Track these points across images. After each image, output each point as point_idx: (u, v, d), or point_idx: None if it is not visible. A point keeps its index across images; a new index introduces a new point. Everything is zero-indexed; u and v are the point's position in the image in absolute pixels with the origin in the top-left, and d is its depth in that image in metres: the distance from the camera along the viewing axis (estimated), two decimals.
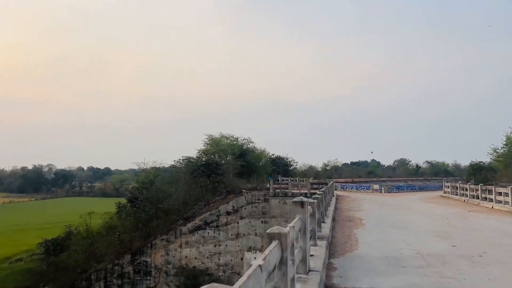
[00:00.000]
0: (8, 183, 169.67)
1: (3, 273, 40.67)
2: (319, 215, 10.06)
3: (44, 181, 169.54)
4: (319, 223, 10.04)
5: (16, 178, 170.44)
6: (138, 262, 33.54)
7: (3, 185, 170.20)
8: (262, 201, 32.60)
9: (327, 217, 13.85)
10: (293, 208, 5.87)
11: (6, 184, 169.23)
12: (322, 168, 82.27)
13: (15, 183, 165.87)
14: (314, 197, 10.21)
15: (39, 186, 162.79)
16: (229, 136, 54.48)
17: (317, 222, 9.45)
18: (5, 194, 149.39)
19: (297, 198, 5.93)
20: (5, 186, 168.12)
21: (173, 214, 35.77)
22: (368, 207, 21.83)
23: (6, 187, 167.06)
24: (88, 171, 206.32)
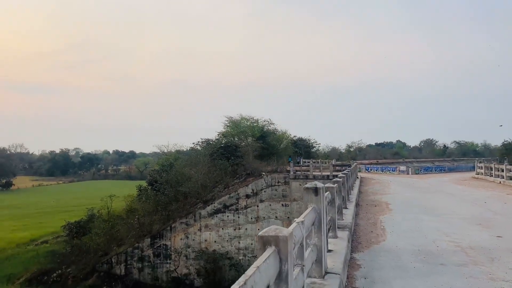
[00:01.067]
0: (38, 166, 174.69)
1: (28, 254, 41.37)
2: (340, 201, 8.82)
3: (71, 165, 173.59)
4: (340, 211, 8.81)
5: (44, 162, 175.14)
6: (158, 245, 33.28)
7: (33, 169, 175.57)
8: (282, 184, 31.49)
9: (350, 202, 12.59)
10: (306, 196, 4.67)
11: (36, 168, 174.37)
12: (345, 149, 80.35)
13: (44, 166, 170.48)
14: (334, 181, 8.96)
15: (66, 170, 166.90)
16: (249, 117, 53.33)
17: (337, 209, 8.22)
18: (34, 178, 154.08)
19: (310, 183, 4.71)
20: (34, 170, 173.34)
21: (192, 197, 35.17)
22: (395, 190, 20.36)
23: (35, 170, 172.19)
24: (114, 155, 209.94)
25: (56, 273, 34.01)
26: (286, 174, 32.19)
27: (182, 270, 32.89)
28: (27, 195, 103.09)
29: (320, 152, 73.00)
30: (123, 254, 33.88)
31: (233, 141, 43.90)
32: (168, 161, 44.71)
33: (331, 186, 6.88)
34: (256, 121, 53.41)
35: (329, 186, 6.84)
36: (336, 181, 8.94)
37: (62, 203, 79.40)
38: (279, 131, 57.43)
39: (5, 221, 63.09)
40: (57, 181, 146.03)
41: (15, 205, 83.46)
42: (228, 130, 50.89)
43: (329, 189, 6.81)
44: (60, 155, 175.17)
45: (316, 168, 33.28)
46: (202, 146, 41.85)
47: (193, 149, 42.48)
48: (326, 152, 75.19)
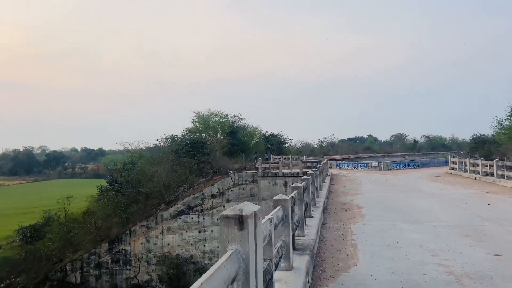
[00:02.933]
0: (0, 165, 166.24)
1: None
2: (301, 212, 6.95)
3: (35, 163, 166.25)
4: (301, 224, 6.93)
5: (7, 160, 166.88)
6: (116, 250, 30.78)
7: None
8: (250, 182, 29.61)
9: (317, 207, 10.78)
10: (223, 231, 2.68)
11: None
12: (318, 145, 79.38)
13: (6, 165, 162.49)
14: (294, 186, 7.07)
15: (30, 169, 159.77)
16: (219, 113, 51.20)
17: (297, 223, 6.34)
18: None
19: (232, 209, 2.74)
20: None
21: (154, 198, 32.78)
22: (368, 189, 18.79)
23: None
24: (82, 152, 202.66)
25: (3, 283, 30.95)
26: (254, 172, 30.32)
27: (143, 277, 30.54)
28: None
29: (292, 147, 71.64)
30: (78, 260, 31.19)
31: (200, 138, 41.59)
32: (131, 159, 41.93)
33: (283, 198, 4.97)
34: (226, 116, 51.37)
35: (282, 199, 4.94)
36: (296, 187, 7.06)
37: (23, 205, 74.93)
38: (250, 126, 55.58)
39: None
40: (20, 181, 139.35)
41: None
42: (196, 126, 48.60)
43: (281, 202, 4.91)
44: (24, 153, 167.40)
45: (285, 165, 31.58)
46: (167, 143, 39.33)
47: (157, 146, 39.88)
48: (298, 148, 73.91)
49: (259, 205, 11.71)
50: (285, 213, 4.89)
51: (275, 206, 4.84)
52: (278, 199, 4.93)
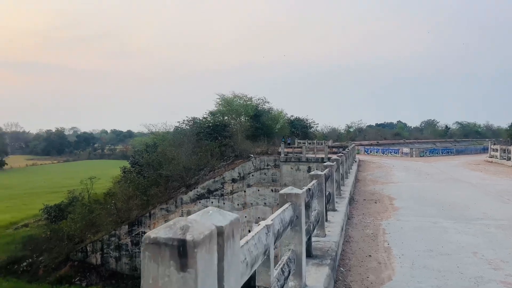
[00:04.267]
0: (33, 146, 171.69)
1: (3, 240, 38.56)
2: (321, 206, 5.55)
3: (67, 144, 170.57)
4: (321, 223, 5.52)
5: (40, 141, 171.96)
6: (136, 233, 30.39)
7: (28, 148, 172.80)
8: (272, 167, 28.28)
9: (342, 198, 9.33)
10: (148, 272, 1.35)
11: (32, 147, 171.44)
12: (345, 130, 76.96)
13: (39, 146, 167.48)
14: (314, 175, 5.66)
15: (62, 149, 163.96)
16: (243, 95, 49.83)
17: (316, 222, 4.97)
18: (29, 157, 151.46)
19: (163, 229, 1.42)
20: (30, 149, 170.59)
21: (174, 181, 32.04)
22: (400, 178, 17.07)
23: (31, 149, 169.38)
24: (111, 134, 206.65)
25: (26, 262, 31.25)
26: (276, 156, 28.92)
27: None
28: (19, 174, 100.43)
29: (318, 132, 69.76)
30: (99, 242, 31.06)
31: (222, 120, 40.42)
32: (153, 141, 41.40)
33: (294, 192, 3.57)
34: (250, 99, 49.97)
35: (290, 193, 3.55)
36: (316, 175, 5.64)
37: (52, 184, 76.66)
38: (274, 110, 54.03)
39: None
40: (52, 161, 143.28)
41: (4, 185, 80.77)
42: (219, 108, 47.52)
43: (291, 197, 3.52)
44: (56, 134, 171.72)
45: (310, 150, 30.01)
46: (189, 125, 38.40)
47: (178, 128, 39.00)
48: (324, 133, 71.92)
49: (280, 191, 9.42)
50: (296, 213, 3.52)
51: (283, 203, 3.49)
52: (287, 193, 3.57)
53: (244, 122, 46.75)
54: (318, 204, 5.63)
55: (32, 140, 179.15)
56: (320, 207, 5.63)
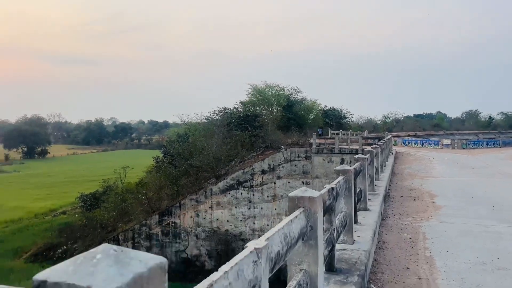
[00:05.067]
0: (74, 135, 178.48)
1: (42, 226, 40.00)
2: (349, 207, 4.66)
3: (105, 134, 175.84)
4: (347, 228, 4.60)
5: (80, 131, 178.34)
6: (166, 223, 30.39)
7: (70, 138, 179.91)
8: (303, 159, 27.30)
9: (376, 195, 8.34)
10: None
11: (73, 137, 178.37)
12: (381, 120, 74.33)
13: (80, 135, 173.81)
14: (340, 170, 4.75)
15: (101, 139, 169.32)
16: (275, 85, 48.88)
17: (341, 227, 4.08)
18: (70, 146, 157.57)
19: None
20: (71, 139, 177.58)
21: (204, 172, 31.72)
22: (441, 171, 15.67)
23: (72, 139, 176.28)
24: (148, 124, 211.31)
25: (61, 249, 32.11)
26: (308, 147, 27.88)
27: (192, 251, 29.97)
28: (60, 163, 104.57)
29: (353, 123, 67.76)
30: (130, 231, 31.32)
31: (253, 110, 39.68)
32: (185, 131, 41.32)
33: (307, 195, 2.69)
34: (282, 89, 48.96)
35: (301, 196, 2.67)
36: (343, 171, 4.73)
37: (90, 172, 79.01)
38: (307, 100, 52.73)
39: (31, 189, 63.10)
40: (91, 150, 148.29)
41: (46, 173, 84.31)
42: (251, 98, 46.82)
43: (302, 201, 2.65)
44: (95, 124, 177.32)
45: (343, 141, 28.73)
46: (219, 115, 37.97)
47: (209, 118, 38.67)
48: (360, 124, 69.77)
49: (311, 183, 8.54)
50: (311, 222, 2.67)
51: (293, 209, 2.65)
52: (299, 196, 2.71)
53: (276, 112, 45.84)
54: (345, 205, 4.75)
55: (73, 130, 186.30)
56: (348, 208, 4.75)
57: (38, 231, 37.75)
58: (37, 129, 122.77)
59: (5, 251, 32.63)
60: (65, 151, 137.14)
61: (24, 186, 66.16)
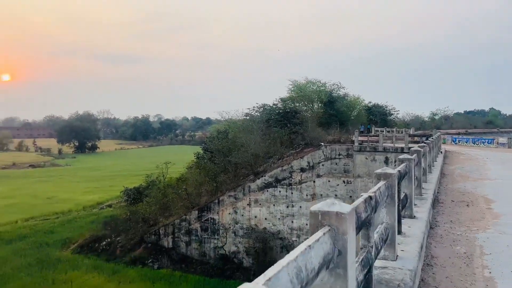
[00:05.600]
0: (122, 131, 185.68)
1: (89, 218, 41.61)
2: (391, 217, 4.00)
3: (151, 130, 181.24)
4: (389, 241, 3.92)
5: (128, 127, 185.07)
6: (205, 219, 30.51)
7: (118, 133, 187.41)
8: (344, 157, 26.28)
9: (423, 200, 7.50)
10: None
11: (121, 132, 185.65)
12: (429, 117, 70.85)
13: (127, 131, 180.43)
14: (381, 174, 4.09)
15: (147, 135, 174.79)
16: (316, 81, 47.77)
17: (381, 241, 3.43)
18: (118, 141, 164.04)
19: None
20: (119, 134, 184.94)
21: (243, 168, 31.48)
22: (498, 173, 14.27)
23: (120, 135, 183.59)
24: (192, 121, 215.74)
25: (105, 241, 33.10)
26: (350, 145, 26.80)
27: (230, 248, 29.88)
28: (108, 158, 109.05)
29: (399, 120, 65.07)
30: (170, 226, 31.77)
31: (292, 107, 38.90)
32: (224, 127, 41.31)
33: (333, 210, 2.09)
34: (324, 84, 47.74)
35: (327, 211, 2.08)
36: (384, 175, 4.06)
37: (136, 167, 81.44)
38: (350, 96, 51.13)
39: (81, 182, 66.09)
40: (138, 145, 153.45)
41: (95, 167, 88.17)
42: (291, 95, 46.06)
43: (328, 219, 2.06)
44: (142, 121, 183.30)
45: (387, 139, 27.33)
46: (258, 112, 37.56)
47: (248, 114, 38.36)
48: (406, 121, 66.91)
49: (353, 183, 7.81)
50: (339, 245, 2.07)
51: (316, 228, 2.07)
52: (323, 211, 2.12)
53: (317, 109, 44.79)
54: (387, 215, 4.09)
55: (121, 126, 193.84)
56: (390, 218, 4.09)
57: (85, 223, 39.22)
58: (88, 125, 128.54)
59: (54, 241, 34.15)
60: (113, 146, 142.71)
61: (74, 179, 69.45)
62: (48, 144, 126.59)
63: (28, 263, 29.02)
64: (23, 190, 57.93)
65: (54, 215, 43.49)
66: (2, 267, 28.65)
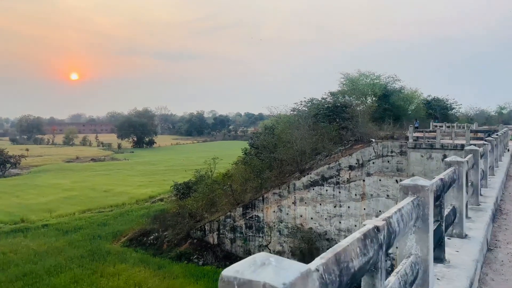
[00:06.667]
0: (178, 127, 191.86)
1: (140, 212, 42.68)
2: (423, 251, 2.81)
3: (205, 126, 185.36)
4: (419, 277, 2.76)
5: (183, 122, 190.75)
6: (250, 216, 29.90)
7: (174, 129, 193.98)
8: (397, 154, 24.29)
9: (480, 211, 6.07)
10: None
11: (177, 128, 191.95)
12: (496, 111, 65.04)
13: (183, 127, 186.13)
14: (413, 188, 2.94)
15: (201, 130, 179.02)
16: (369, 74, 45.46)
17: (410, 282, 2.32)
18: (175, 137, 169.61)
19: None
20: (176, 130, 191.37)
21: (288, 165, 30.43)
22: None
23: (176, 130, 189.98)
24: (244, 117, 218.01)
25: (153, 236, 33.64)
26: (403, 141, 24.73)
27: (275, 247, 29.05)
28: (164, 152, 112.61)
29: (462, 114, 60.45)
30: (215, 222, 31.55)
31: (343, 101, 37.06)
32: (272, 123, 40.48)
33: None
34: (378, 77, 45.32)
35: None
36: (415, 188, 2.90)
37: (189, 162, 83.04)
38: (407, 89, 48.16)
39: (136, 176, 68.57)
40: (192, 141, 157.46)
41: (150, 161, 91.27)
42: (343, 89, 44.17)
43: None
44: (196, 117, 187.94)
45: (446, 135, 24.86)
46: (306, 107, 36.21)
47: (295, 109, 37.13)
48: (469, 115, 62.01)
49: None
50: None
51: None
52: None
53: (370, 103, 42.56)
54: (417, 244, 2.94)
55: (178, 122, 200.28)
56: (421, 250, 2.93)
57: (136, 217, 40.22)
58: (145, 121, 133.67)
59: (106, 234, 35.32)
60: (169, 141, 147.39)
61: (130, 173, 72.23)
62: (109, 139, 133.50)
63: (81, 255, 30.16)
64: (83, 183, 61.13)
65: (109, 208, 45.19)
66: (57, 257, 30.02)
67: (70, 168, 79.24)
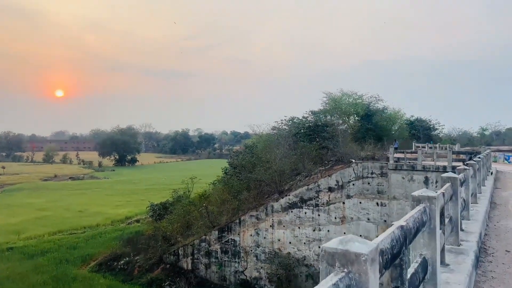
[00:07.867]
0: (163, 145, 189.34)
1: (114, 234, 40.65)
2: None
3: (190, 144, 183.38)
4: None
5: (168, 140, 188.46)
6: (226, 240, 28.40)
7: (159, 147, 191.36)
8: (377, 176, 23.31)
9: (460, 254, 4.92)
10: None
11: (161, 146, 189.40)
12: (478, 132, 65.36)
13: (167, 145, 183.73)
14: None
15: (186, 148, 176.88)
16: (352, 93, 45.10)
17: None
18: (159, 155, 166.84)
19: None
20: (160, 148, 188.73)
21: (267, 186, 29.19)
22: None
23: (161, 148, 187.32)
24: (230, 135, 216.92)
25: (123, 260, 31.73)
26: (384, 162, 23.82)
27: (251, 273, 27.50)
28: (146, 171, 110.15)
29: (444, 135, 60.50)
30: (190, 246, 29.87)
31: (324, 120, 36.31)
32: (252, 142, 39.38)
33: None
34: (360, 97, 44.93)
35: None
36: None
37: (171, 180, 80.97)
38: (390, 109, 47.89)
39: (115, 196, 66.27)
40: (176, 159, 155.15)
41: (131, 180, 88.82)
42: (325, 108, 43.57)
43: None
44: (181, 135, 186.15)
45: (428, 156, 24.08)
46: (287, 125, 35.30)
47: (275, 128, 36.17)
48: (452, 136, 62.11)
49: (388, 205, 11.69)
50: None
51: None
52: None
53: (353, 123, 42.02)
54: None
55: (162, 140, 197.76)
56: None
57: (109, 239, 38.16)
58: (128, 138, 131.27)
59: (75, 258, 33.25)
60: (152, 160, 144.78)
61: (109, 192, 69.83)
62: (91, 157, 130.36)
63: (44, 281, 28.09)
64: (58, 202, 58.67)
65: (82, 230, 43.01)
66: (19, 284, 27.93)
67: (46, 187, 76.44)
